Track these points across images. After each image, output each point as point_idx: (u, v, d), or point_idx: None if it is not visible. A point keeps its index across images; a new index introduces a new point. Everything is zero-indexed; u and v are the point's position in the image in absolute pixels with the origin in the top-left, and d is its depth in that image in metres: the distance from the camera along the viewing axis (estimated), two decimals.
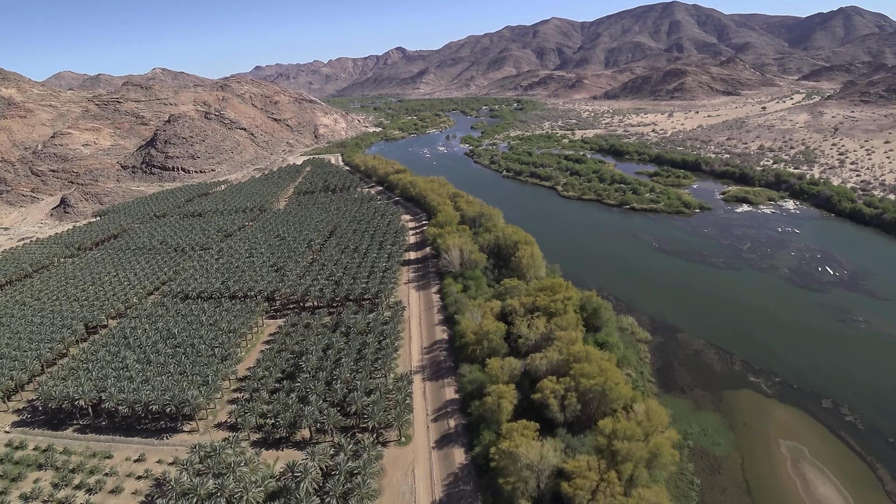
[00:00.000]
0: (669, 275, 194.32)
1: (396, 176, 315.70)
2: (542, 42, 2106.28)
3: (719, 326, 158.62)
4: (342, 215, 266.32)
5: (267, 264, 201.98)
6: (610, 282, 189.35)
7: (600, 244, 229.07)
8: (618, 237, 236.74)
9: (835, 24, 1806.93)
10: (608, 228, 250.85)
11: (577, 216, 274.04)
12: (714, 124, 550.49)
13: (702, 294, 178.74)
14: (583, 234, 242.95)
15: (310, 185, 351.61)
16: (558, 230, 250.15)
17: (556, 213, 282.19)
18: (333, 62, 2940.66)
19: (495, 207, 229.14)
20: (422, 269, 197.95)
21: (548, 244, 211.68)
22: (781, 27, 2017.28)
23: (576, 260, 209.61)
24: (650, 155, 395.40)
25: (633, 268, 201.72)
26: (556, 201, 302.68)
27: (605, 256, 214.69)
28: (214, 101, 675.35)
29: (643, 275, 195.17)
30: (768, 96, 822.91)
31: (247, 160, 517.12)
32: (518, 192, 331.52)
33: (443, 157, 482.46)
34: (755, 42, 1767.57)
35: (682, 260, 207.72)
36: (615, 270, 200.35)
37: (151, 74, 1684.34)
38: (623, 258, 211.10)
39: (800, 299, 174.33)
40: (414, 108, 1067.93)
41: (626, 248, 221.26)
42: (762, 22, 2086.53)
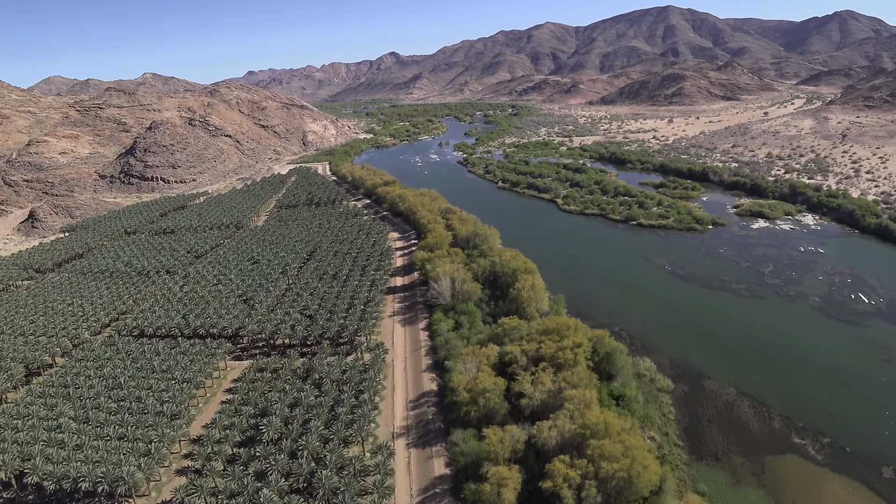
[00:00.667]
0: (688, 305, 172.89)
1: (385, 189, 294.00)
2: (536, 47, 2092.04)
3: (750, 370, 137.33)
4: (324, 233, 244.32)
5: (235, 293, 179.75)
6: (621, 314, 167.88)
7: (607, 267, 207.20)
8: (626, 258, 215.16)
9: (830, 28, 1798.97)
10: (615, 248, 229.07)
11: (580, 233, 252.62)
12: (717, 130, 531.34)
13: (726, 328, 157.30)
14: (587, 255, 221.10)
15: (293, 197, 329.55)
16: (560, 250, 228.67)
17: (556, 229, 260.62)
18: (326, 67, 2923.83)
19: (491, 227, 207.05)
20: (409, 299, 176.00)
21: (549, 267, 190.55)
22: (777, 31, 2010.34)
23: (581, 287, 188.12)
24: (654, 164, 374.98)
25: (647, 296, 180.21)
26: (556, 216, 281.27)
27: (613, 282, 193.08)
28: (199, 107, 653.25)
29: (658, 305, 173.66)
30: (768, 101, 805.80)
31: (230, 169, 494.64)
32: (515, 205, 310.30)
33: (435, 165, 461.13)
34: (751, 46, 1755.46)
35: (699, 286, 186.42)
36: (626, 299, 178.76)
37: (142, 79, 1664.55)
38: (634, 284, 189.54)
39: (837, 334, 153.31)
40: (407, 113, 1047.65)
41: (636, 272, 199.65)
42: (757, 26, 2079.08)
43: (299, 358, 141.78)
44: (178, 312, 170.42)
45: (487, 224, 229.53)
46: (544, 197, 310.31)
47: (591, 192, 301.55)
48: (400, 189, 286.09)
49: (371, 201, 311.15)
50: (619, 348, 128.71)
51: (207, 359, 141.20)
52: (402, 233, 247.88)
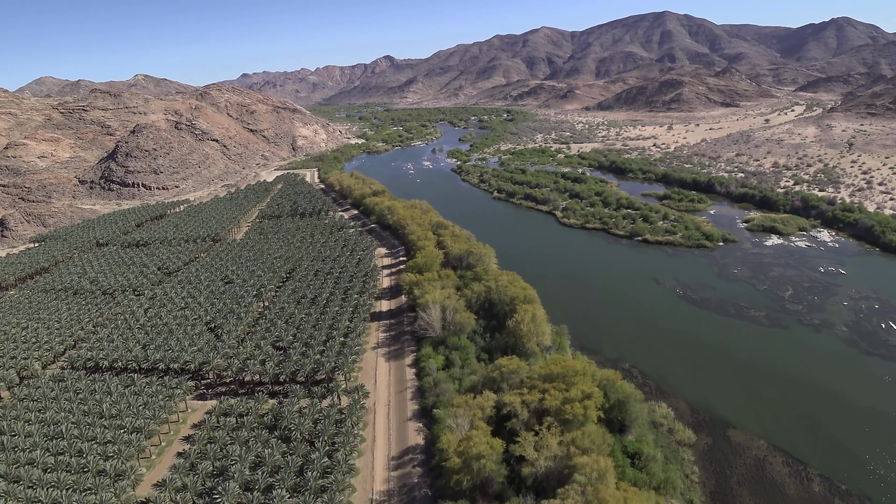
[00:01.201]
0: (704, 335, 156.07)
1: (373, 200, 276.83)
2: (531, 51, 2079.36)
3: (780, 417, 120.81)
4: (306, 248, 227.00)
5: (203, 319, 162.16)
6: (630, 347, 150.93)
7: (613, 290, 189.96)
8: (633, 280, 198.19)
9: (827, 35, 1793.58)
10: (620, 267, 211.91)
11: (582, 250, 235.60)
12: (718, 138, 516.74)
13: (748, 365, 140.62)
14: (590, 276, 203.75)
15: (277, 207, 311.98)
16: (560, 269, 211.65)
17: (555, 245, 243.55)
18: (321, 70, 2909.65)
19: (486, 245, 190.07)
20: (395, 327, 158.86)
21: (549, 289, 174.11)
22: (773, 38, 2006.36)
23: (585, 314, 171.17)
24: (656, 173, 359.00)
25: (658, 325, 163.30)
26: (555, 230, 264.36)
27: (620, 308, 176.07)
28: (186, 110, 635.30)
29: (671, 336, 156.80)
30: (768, 108, 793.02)
31: (215, 175, 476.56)
32: (511, 217, 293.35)
33: (428, 173, 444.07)
34: (748, 52, 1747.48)
35: (715, 313, 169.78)
36: (635, 329, 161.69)
37: (133, 81, 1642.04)
38: (643, 311, 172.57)
39: (870, 371, 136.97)
40: (400, 117, 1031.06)
41: (645, 297, 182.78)
42: (753, 32, 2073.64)
43: (269, 399, 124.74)
44: (138, 342, 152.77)
45: (482, 240, 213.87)
46: (542, 209, 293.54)
47: (591, 204, 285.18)
48: (389, 200, 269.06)
49: (359, 212, 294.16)
50: (634, 395, 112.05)
51: (164, 401, 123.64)
52: (391, 248, 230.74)
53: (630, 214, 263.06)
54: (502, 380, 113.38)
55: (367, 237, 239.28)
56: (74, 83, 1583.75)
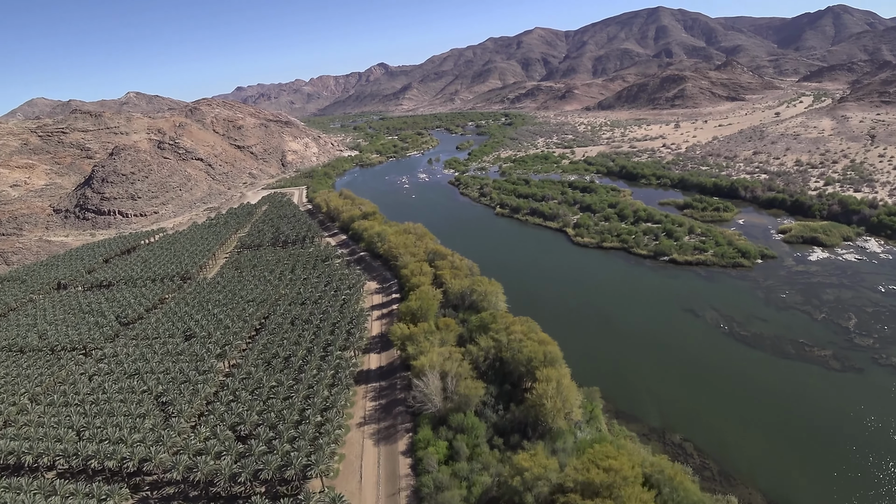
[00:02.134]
0: (765, 388, 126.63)
1: (362, 224, 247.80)
2: (526, 53, 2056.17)
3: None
4: (285, 287, 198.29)
5: (153, 392, 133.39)
6: (679, 411, 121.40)
7: (644, 329, 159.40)
8: (665, 312, 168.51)
9: (824, 23, 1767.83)
10: (648, 296, 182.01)
11: (601, 276, 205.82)
12: (730, 135, 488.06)
13: (826, 429, 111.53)
14: (615, 311, 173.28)
15: (258, 235, 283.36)
16: (579, 302, 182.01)
17: (570, 270, 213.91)
18: (315, 80, 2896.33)
19: (492, 280, 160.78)
20: (387, 392, 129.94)
21: (569, 332, 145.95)
22: (769, 29, 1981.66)
23: (616, 365, 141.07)
24: (672, 178, 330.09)
25: (706, 376, 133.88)
26: (567, 251, 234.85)
27: (657, 352, 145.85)
28: (170, 128, 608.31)
29: (725, 391, 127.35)
30: (775, 100, 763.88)
31: (198, 198, 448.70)
32: (517, 237, 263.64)
33: (424, 187, 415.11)
34: (746, 44, 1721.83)
35: (772, 354, 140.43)
36: (681, 384, 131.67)
37: (125, 98, 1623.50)
38: (686, 356, 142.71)
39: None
40: (396, 126, 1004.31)
41: (684, 336, 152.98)
42: (749, 24, 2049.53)
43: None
44: (72, 427, 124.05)
45: (486, 266, 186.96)
46: (551, 225, 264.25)
47: (606, 218, 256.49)
48: (379, 225, 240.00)
49: (348, 237, 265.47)
50: (699, 500, 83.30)
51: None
52: (382, 282, 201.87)
53: (651, 229, 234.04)
54: (525, 488, 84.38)
55: (354, 270, 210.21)
56: (65, 104, 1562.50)
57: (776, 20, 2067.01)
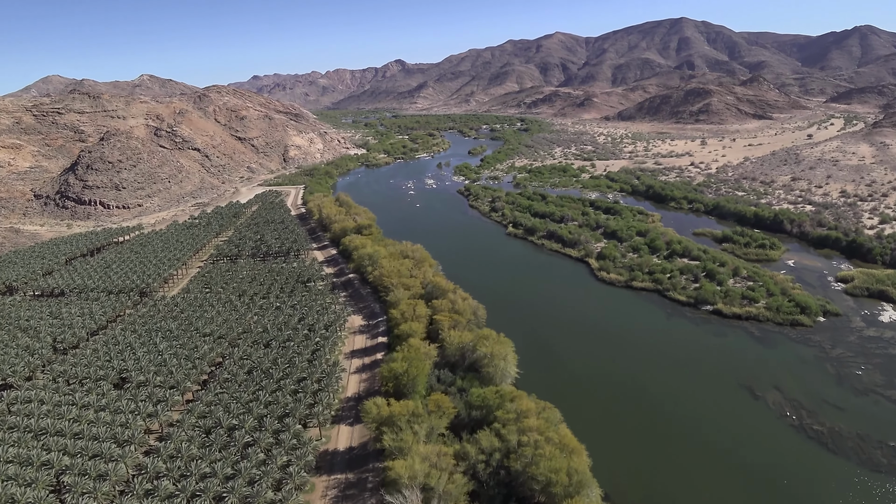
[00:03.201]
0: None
1: (354, 240, 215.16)
2: (545, 57, 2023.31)
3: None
4: (254, 315, 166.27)
5: (53, 471, 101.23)
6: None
7: (695, 414, 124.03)
8: (718, 389, 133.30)
9: (851, 43, 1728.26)
10: (694, 363, 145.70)
11: (632, 325, 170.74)
12: (763, 156, 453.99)
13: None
14: (653, 382, 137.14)
15: (238, 242, 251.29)
16: (607, 364, 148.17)
17: (594, 315, 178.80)
18: (331, 73, 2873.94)
19: (502, 336, 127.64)
20: (354, 490, 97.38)
21: (598, 418, 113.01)
22: (793, 46, 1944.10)
23: (666, 473, 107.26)
24: (705, 203, 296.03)
25: (782, 496, 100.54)
26: (590, 287, 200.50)
27: (716, 459, 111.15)
28: (170, 114, 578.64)
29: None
30: (804, 121, 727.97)
31: (187, 192, 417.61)
32: (531, 264, 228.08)
33: (430, 194, 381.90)
34: (770, 61, 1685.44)
35: (857, 464, 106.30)
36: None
37: (139, 81, 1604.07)
38: (755, 467, 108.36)
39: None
40: (407, 125, 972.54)
41: (747, 430, 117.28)
42: (772, 40, 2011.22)
43: None
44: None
45: (492, 299, 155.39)
46: (571, 253, 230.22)
47: (634, 249, 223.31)
48: (372, 245, 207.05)
49: (338, 252, 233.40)
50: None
51: None
52: (369, 317, 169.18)
53: (688, 267, 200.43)
54: None
55: (338, 299, 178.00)
56: (78, 82, 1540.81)
57: (800, 38, 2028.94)
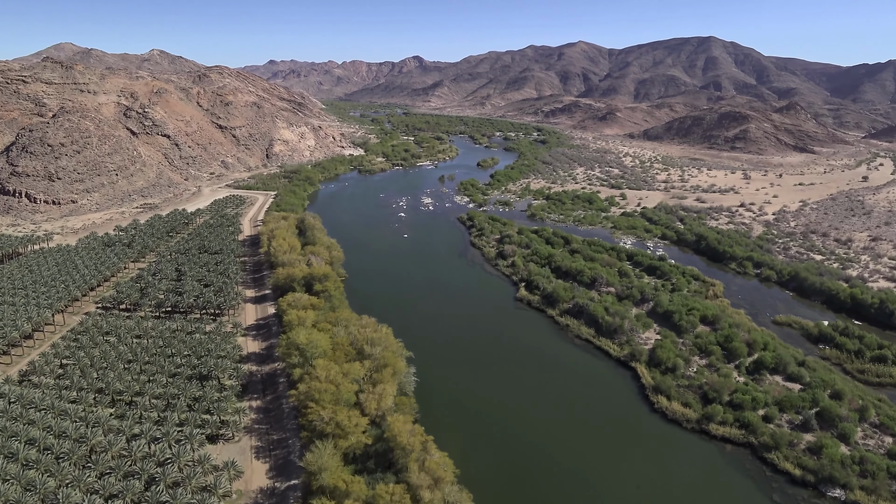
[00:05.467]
0: None
1: (292, 311, 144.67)
2: (566, 65, 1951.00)
3: None
4: (104, 436, 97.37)
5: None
6: None
7: None
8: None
9: (884, 77, 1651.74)
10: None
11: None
12: (821, 201, 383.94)
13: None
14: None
15: (149, 281, 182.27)
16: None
17: (656, 489, 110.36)
18: (347, 64, 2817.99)
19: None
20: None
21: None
22: (822, 75, 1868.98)
23: None
24: (778, 270, 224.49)
25: None
26: (642, 421, 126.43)
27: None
28: (146, 94, 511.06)
29: None
30: (849, 157, 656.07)
31: (137, 188, 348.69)
32: (551, 367, 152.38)
33: (425, 220, 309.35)
34: (800, 88, 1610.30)
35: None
36: None
37: (148, 55, 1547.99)
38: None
39: None
40: (416, 124, 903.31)
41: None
42: (801, 67, 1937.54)
43: None
44: None
45: (488, 480, 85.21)
46: (609, 349, 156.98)
47: (701, 350, 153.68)
48: (312, 326, 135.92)
49: (277, 311, 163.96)
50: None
51: None
52: (276, 468, 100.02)
53: (791, 399, 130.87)
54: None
55: (238, 424, 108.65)
56: (86, 51, 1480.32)
57: (831, 67, 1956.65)
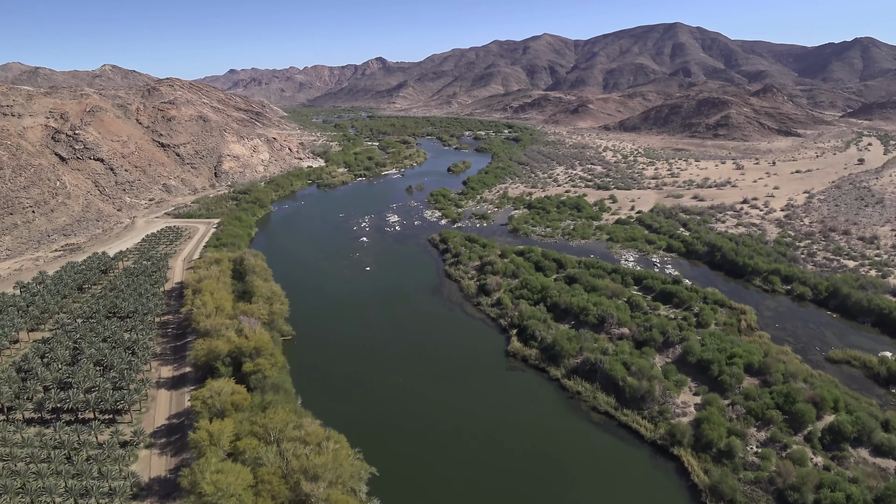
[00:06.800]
0: None
1: (203, 419, 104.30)
2: (532, 59, 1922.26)
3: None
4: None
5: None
6: None
7: None
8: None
9: (852, 55, 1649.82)
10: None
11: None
12: (825, 190, 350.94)
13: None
14: None
15: (28, 371, 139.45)
16: None
17: None
18: (309, 69, 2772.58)
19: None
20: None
21: None
22: (789, 56, 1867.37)
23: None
24: (814, 286, 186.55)
25: None
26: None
27: None
28: (78, 113, 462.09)
29: None
30: (835, 139, 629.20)
31: (59, 226, 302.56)
32: (560, 450, 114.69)
33: (391, 244, 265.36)
34: (769, 70, 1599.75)
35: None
36: None
37: (100, 71, 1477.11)
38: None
39: None
40: (381, 128, 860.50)
41: None
42: (766, 49, 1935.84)
43: None
44: None
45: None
46: (640, 428, 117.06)
47: (757, 417, 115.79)
48: (216, 468, 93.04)
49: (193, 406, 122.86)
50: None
51: None
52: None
53: (893, 489, 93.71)
54: None
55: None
56: (33, 70, 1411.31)
57: (797, 48, 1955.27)
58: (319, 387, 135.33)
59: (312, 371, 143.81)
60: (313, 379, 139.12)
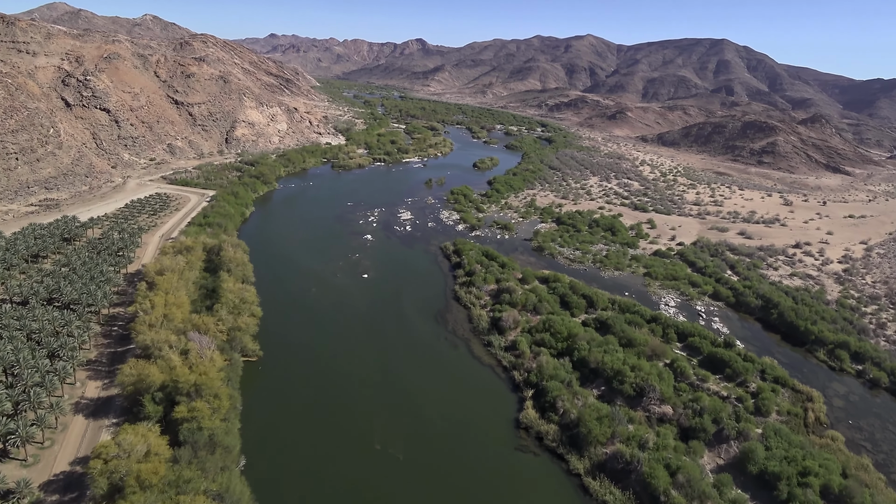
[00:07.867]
0: None
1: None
2: (573, 58, 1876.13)
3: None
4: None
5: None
6: None
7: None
8: None
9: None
10: None
11: None
12: (884, 242, 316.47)
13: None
14: None
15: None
16: None
17: None
18: (348, 42, 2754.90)
19: None
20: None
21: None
22: (835, 87, 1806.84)
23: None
24: (891, 371, 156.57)
25: None
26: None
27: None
28: (93, 58, 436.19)
29: None
30: (887, 182, 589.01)
31: (43, 177, 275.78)
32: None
33: (398, 246, 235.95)
34: (815, 99, 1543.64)
35: None
36: None
37: (140, 20, 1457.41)
38: None
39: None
40: (412, 110, 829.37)
41: None
42: (812, 77, 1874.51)
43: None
44: None
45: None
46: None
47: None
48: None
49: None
50: None
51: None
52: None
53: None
54: None
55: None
56: (75, 12, 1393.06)
57: (843, 79, 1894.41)
58: (274, 439, 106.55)
59: (272, 411, 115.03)
60: (270, 425, 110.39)
